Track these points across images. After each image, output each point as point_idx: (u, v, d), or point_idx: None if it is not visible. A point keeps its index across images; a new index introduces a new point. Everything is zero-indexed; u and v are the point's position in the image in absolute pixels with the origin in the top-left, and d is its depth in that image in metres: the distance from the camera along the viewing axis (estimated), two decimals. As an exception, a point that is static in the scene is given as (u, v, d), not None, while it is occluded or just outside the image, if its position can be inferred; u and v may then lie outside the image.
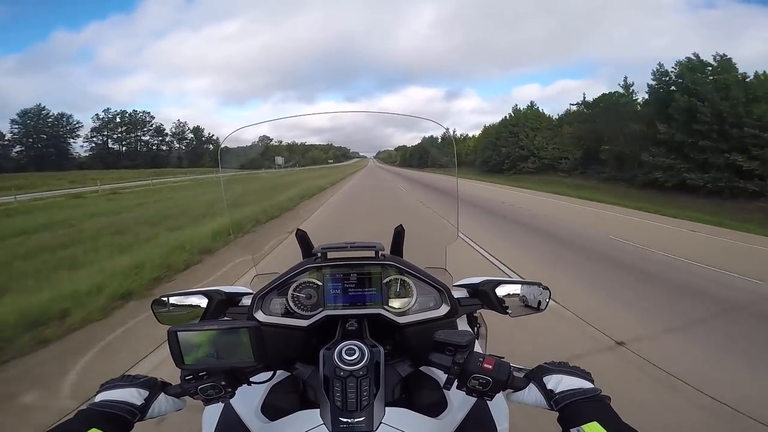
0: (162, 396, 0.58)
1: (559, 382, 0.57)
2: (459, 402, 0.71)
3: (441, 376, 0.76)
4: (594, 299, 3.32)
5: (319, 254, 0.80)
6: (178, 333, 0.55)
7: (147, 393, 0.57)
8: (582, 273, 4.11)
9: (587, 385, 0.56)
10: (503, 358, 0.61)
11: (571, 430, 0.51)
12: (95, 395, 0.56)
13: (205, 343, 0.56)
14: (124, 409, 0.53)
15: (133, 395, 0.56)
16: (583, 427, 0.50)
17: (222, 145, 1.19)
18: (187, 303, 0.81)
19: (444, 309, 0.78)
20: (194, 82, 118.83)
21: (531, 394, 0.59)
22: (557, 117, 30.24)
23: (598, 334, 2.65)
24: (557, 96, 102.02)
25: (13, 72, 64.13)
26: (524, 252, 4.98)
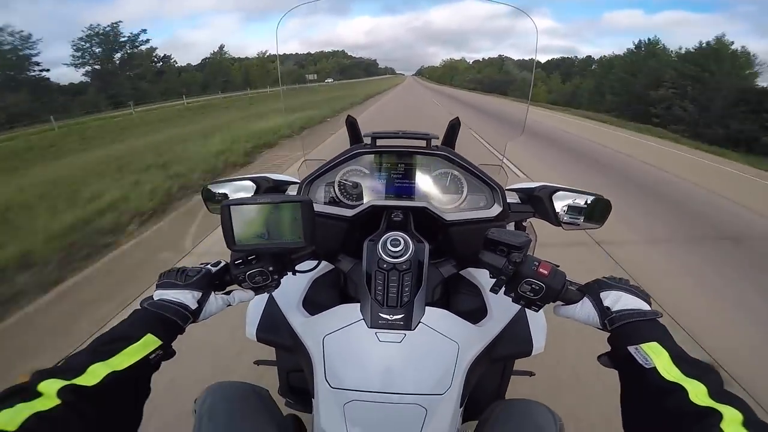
0: (212, 296, 0.63)
1: (617, 300, 0.57)
2: (500, 312, 0.75)
3: (483, 282, 0.79)
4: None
5: (369, 140, 0.82)
6: (231, 207, 0.58)
7: (200, 295, 0.61)
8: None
9: (646, 306, 0.57)
10: (559, 266, 0.60)
11: (628, 347, 0.51)
12: (154, 291, 0.61)
13: (257, 221, 0.59)
14: (179, 314, 0.57)
15: (188, 298, 0.59)
16: (642, 346, 0.50)
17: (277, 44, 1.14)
18: (235, 192, 0.89)
19: (496, 210, 0.78)
20: None
21: (584, 309, 0.59)
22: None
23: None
24: (664, 29, 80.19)
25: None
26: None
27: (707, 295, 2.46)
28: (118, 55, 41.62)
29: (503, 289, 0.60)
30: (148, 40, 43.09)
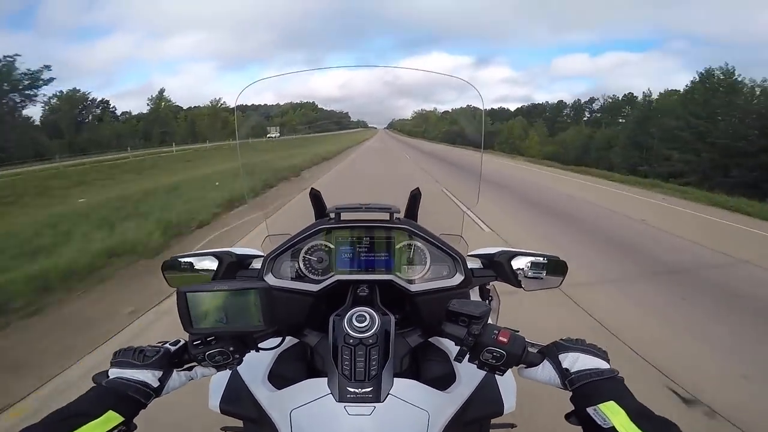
0: (174, 373, 0.67)
1: (575, 361, 0.64)
2: (468, 376, 0.80)
3: (451, 349, 0.86)
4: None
5: (333, 215, 0.90)
6: (187, 294, 0.62)
7: (161, 373, 0.64)
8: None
9: (604, 365, 0.64)
10: (518, 331, 0.68)
11: (587, 409, 0.58)
12: (109, 369, 0.63)
13: (214, 305, 0.63)
14: (140, 391, 0.60)
15: (148, 377, 0.62)
16: (599, 406, 0.56)
17: (236, 103, 1.24)
18: (197, 265, 0.92)
19: (458, 278, 0.86)
20: (184, 40, 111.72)
21: (545, 371, 0.66)
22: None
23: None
24: (608, 71, 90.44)
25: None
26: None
27: None
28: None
29: (467, 356, 0.67)
30: (52, 79, 34.85)
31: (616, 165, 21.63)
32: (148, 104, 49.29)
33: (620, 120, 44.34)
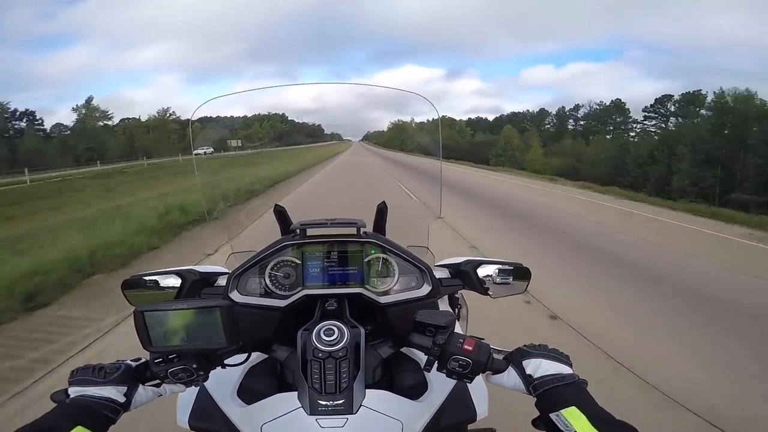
0: (141, 388, 0.68)
1: (538, 367, 0.68)
2: (439, 384, 0.85)
3: (422, 358, 0.90)
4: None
5: (298, 231, 0.93)
6: (144, 313, 0.63)
7: (125, 389, 0.66)
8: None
9: (566, 370, 0.68)
10: (483, 339, 0.72)
11: (550, 414, 0.61)
12: (68, 388, 0.64)
13: (174, 324, 0.64)
14: (107, 407, 0.62)
15: (113, 393, 0.64)
16: (562, 411, 0.59)
17: (192, 119, 1.28)
18: (161, 283, 0.94)
19: (426, 289, 0.92)
20: (149, 52, 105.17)
21: (510, 377, 0.71)
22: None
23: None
24: (571, 81, 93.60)
25: None
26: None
27: None
28: None
29: (435, 365, 0.72)
30: None
31: (676, 187, 15.62)
32: (76, 115, 42.35)
33: (609, 128, 43.46)
